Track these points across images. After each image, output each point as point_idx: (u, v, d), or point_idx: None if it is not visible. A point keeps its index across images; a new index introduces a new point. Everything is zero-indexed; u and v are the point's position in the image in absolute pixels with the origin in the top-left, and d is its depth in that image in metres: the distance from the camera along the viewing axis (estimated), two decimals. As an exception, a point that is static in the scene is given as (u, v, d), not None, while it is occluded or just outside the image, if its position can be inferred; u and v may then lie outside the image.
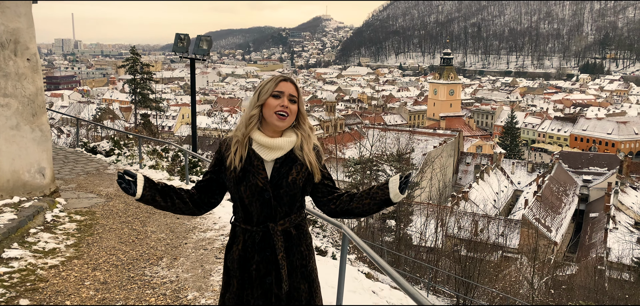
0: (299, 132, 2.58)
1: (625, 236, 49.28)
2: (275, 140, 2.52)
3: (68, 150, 12.12)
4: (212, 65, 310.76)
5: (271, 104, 2.50)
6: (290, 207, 2.57)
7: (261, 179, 2.50)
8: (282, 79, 2.55)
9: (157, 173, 9.90)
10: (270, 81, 2.55)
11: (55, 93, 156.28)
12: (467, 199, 58.90)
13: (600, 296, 20.46)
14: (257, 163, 2.51)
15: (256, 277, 2.55)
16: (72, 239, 6.41)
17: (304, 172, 2.56)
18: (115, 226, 6.92)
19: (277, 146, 2.52)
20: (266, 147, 2.52)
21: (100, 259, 5.84)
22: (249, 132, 2.53)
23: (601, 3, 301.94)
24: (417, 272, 20.94)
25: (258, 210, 2.53)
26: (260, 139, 2.52)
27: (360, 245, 3.45)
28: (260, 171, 2.51)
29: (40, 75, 7.77)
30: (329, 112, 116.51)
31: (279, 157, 2.53)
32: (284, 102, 2.49)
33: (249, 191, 2.50)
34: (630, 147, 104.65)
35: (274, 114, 2.50)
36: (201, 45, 12.48)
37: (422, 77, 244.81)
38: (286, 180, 2.52)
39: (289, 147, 2.54)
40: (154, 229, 6.89)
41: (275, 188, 2.51)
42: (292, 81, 2.55)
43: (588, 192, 69.04)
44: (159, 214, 7.48)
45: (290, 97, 2.52)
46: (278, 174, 2.52)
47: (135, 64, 48.15)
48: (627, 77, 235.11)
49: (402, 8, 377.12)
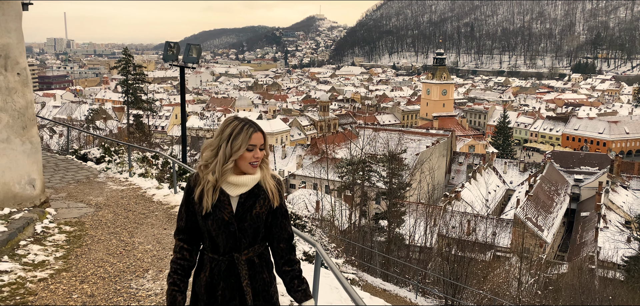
0: (262, 166, 2.81)
1: (615, 235, 49.75)
2: (240, 178, 2.74)
3: (59, 158, 12.24)
4: (206, 64, 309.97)
5: (247, 156, 2.71)
6: (254, 238, 2.81)
7: (227, 214, 2.72)
8: (253, 131, 2.73)
9: (147, 181, 10.05)
10: (242, 133, 2.71)
11: (47, 93, 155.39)
12: (459, 199, 59.27)
13: (586, 296, 20.78)
14: (223, 199, 2.73)
15: (222, 302, 2.79)
16: (61, 251, 6.57)
17: (267, 205, 2.79)
18: (104, 238, 7.09)
19: (243, 183, 2.74)
20: (233, 184, 2.74)
21: (88, 271, 6.01)
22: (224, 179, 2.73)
23: (593, 3, 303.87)
24: (406, 273, 21.17)
25: (224, 241, 2.76)
26: (229, 179, 2.73)
27: (330, 266, 3.65)
28: (226, 206, 2.72)
29: (31, 88, 7.93)
30: (322, 112, 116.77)
31: (244, 192, 2.75)
32: (257, 153, 2.72)
33: (215, 224, 2.73)
34: (621, 146, 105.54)
35: (248, 164, 2.73)
36: (191, 53, 12.66)
37: (416, 77, 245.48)
38: (250, 214, 2.75)
39: (253, 183, 2.77)
40: (141, 240, 7.06)
41: (240, 221, 2.74)
42: (261, 129, 2.76)
43: (579, 191, 69.60)
44: (146, 226, 7.65)
45: (261, 147, 2.75)
46: (243, 208, 2.74)
47: (127, 65, 48.21)
48: (619, 77, 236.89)
49: (395, 8, 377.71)
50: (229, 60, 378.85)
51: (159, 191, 9.31)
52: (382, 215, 36.16)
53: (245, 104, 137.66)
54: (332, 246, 12.91)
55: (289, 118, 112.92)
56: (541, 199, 59.29)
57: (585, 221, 58.98)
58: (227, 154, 2.71)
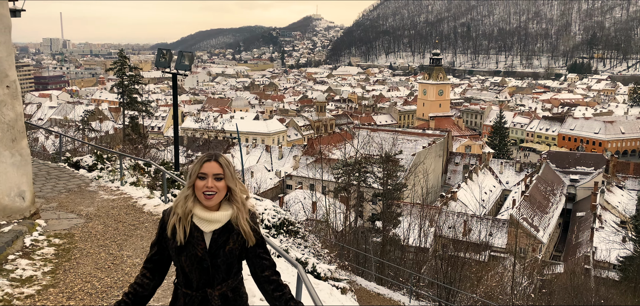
0: (233, 204, 2.80)
1: (610, 235, 49.94)
2: (212, 214, 2.75)
3: (51, 165, 12.22)
4: (202, 65, 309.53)
5: (198, 185, 2.73)
6: (227, 273, 2.83)
7: (200, 250, 2.75)
8: (206, 159, 2.75)
9: (138, 190, 10.05)
10: (196, 163, 2.78)
11: (43, 93, 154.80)
12: (455, 200, 59.40)
13: (579, 299, 20.84)
14: (197, 235, 2.75)
15: None
16: (50, 265, 6.56)
17: (240, 240, 2.81)
18: (93, 251, 7.08)
19: (215, 220, 2.76)
20: (205, 220, 2.75)
21: (76, 287, 6.00)
22: (189, 209, 2.75)
23: (589, 3, 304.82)
24: (401, 276, 21.20)
25: (197, 277, 2.79)
26: (200, 214, 2.75)
27: (309, 291, 3.66)
28: (199, 242, 2.75)
29: (20, 101, 7.91)
30: (319, 113, 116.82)
31: (217, 229, 2.77)
32: (209, 182, 2.71)
33: (189, 260, 2.76)
34: (616, 146, 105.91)
35: (201, 194, 2.72)
36: (183, 60, 12.68)
37: (412, 77, 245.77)
38: (223, 250, 2.78)
39: (226, 220, 2.78)
40: (130, 253, 7.06)
41: (213, 257, 2.77)
42: (217, 159, 2.75)
43: (575, 191, 69.82)
44: (135, 238, 7.64)
45: (215, 176, 2.72)
46: (216, 244, 2.77)
47: (123, 67, 48.13)
48: (614, 77, 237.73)
49: (392, 8, 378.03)
50: (226, 60, 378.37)
51: (149, 200, 9.32)
52: (378, 216, 36.21)
53: (241, 104, 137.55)
54: (325, 251, 12.92)
55: (286, 118, 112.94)
56: (537, 200, 59.47)
57: (580, 221, 59.19)
58: (187, 184, 2.77)
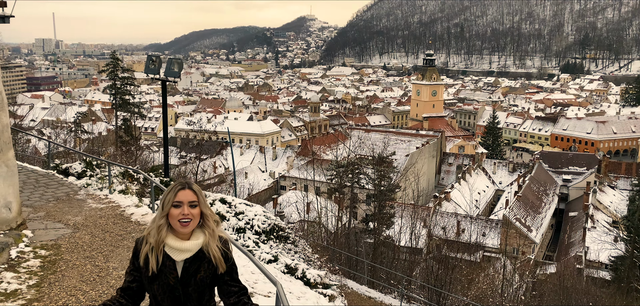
0: (205, 231, 2.84)
1: (602, 235, 50.22)
2: (184, 243, 2.80)
3: (40, 173, 12.13)
4: (196, 65, 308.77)
5: (173, 213, 2.77)
6: (198, 301, 2.87)
7: (172, 279, 2.80)
8: (180, 188, 2.79)
9: (126, 199, 10.00)
10: (170, 191, 2.80)
11: (36, 94, 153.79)
12: (449, 200, 59.58)
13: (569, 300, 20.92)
14: (169, 264, 2.80)
15: None
16: (35, 278, 6.51)
17: (211, 268, 2.85)
18: (79, 263, 7.03)
19: (186, 249, 2.81)
20: (176, 249, 2.80)
21: (60, 301, 5.96)
22: (162, 239, 2.79)
23: (581, 4, 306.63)
24: (392, 279, 21.22)
25: (169, 305, 2.83)
26: (171, 243, 2.79)
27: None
28: (171, 271, 2.80)
29: (6, 112, 7.86)
30: (313, 113, 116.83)
31: (188, 257, 2.81)
32: (185, 210, 2.76)
33: (161, 289, 2.80)
34: (608, 146, 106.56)
35: (177, 222, 2.77)
36: (172, 67, 12.64)
37: (406, 78, 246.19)
38: (195, 278, 2.82)
39: (196, 248, 2.82)
40: (116, 265, 7.01)
41: (185, 285, 2.81)
42: (191, 187, 2.80)
43: (568, 191, 70.15)
44: (122, 248, 7.59)
45: (190, 203, 2.77)
46: (187, 273, 2.81)
47: (115, 69, 47.86)
48: (607, 77, 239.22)
49: (385, 8, 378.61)
50: (220, 60, 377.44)
51: (137, 209, 9.27)
52: (371, 217, 36.22)
53: (235, 105, 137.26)
54: (316, 256, 12.90)
55: (280, 119, 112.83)
56: (530, 200, 59.71)
57: (573, 221, 59.49)
58: (159, 214, 2.79)
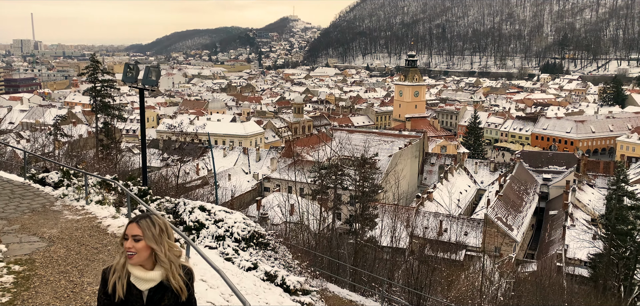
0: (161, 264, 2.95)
1: (581, 234, 51.02)
2: (147, 273, 2.92)
3: (16, 183, 11.87)
4: (178, 66, 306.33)
5: (125, 246, 2.93)
6: None
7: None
8: (129, 222, 2.96)
9: (103, 209, 9.84)
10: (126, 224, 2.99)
11: (14, 96, 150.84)
12: (431, 200, 60.02)
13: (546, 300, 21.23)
14: (136, 293, 2.92)
15: None
16: (8, 296, 6.34)
17: (174, 297, 2.96)
18: (53, 278, 6.86)
19: (149, 278, 2.92)
20: (140, 279, 2.93)
21: (33, 318, 5.82)
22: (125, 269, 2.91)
23: (560, 5, 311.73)
24: (374, 282, 21.30)
25: None
26: (135, 273, 2.93)
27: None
28: (138, 300, 2.91)
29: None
30: (296, 114, 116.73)
31: (152, 287, 2.93)
32: (129, 243, 2.90)
33: None
34: (587, 145, 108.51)
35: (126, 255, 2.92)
36: (150, 76, 12.53)
37: (389, 78, 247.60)
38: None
39: (159, 279, 2.94)
40: (91, 280, 6.87)
41: None
42: (138, 222, 2.93)
43: (548, 190, 71.20)
44: (97, 262, 7.44)
45: (134, 237, 2.90)
46: (152, 302, 2.93)
47: (95, 71, 47.08)
48: (585, 77, 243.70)
49: (368, 9, 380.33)
50: (202, 61, 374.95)
51: (114, 221, 9.12)
52: (355, 218, 36.30)
53: (218, 106, 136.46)
54: (296, 262, 12.91)
55: (263, 120, 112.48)
56: (511, 199, 60.43)
57: (553, 220, 60.36)
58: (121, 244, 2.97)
